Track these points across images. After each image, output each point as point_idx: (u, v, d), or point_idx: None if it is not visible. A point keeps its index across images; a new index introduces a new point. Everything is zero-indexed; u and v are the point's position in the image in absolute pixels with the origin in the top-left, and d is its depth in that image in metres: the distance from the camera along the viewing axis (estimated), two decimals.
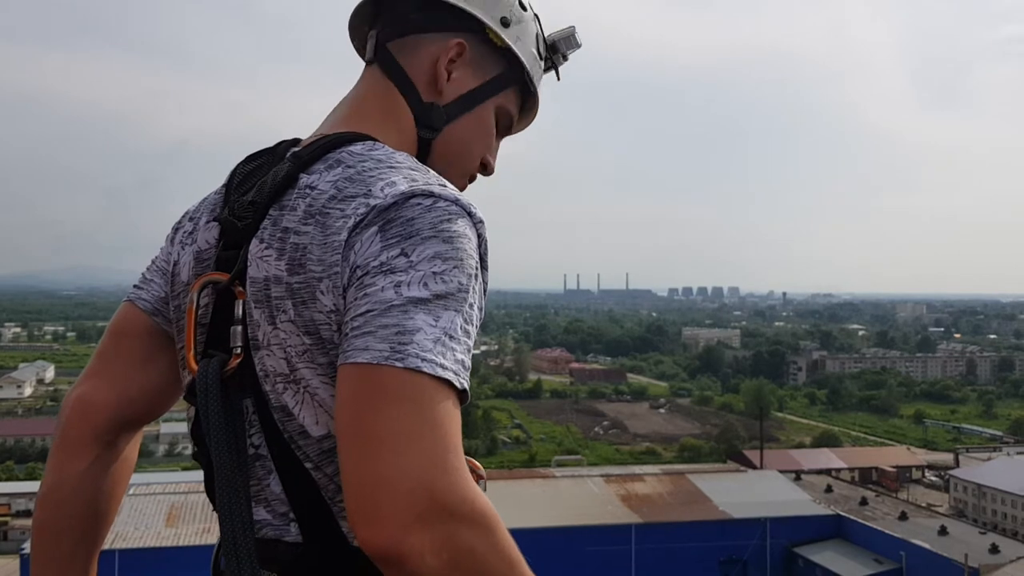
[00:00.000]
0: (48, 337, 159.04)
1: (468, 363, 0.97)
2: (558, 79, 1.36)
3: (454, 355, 0.95)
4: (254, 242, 1.08)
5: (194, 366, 1.08)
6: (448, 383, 0.93)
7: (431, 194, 1.02)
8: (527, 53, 1.28)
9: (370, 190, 1.03)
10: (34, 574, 1.22)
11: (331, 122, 1.24)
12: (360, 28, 1.32)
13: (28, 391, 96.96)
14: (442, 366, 0.93)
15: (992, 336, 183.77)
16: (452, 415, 0.93)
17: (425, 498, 0.87)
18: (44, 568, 1.21)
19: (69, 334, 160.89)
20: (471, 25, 1.23)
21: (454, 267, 0.98)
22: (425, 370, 0.92)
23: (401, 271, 0.97)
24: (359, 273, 0.99)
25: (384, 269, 0.97)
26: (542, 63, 1.32)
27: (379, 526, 0.87)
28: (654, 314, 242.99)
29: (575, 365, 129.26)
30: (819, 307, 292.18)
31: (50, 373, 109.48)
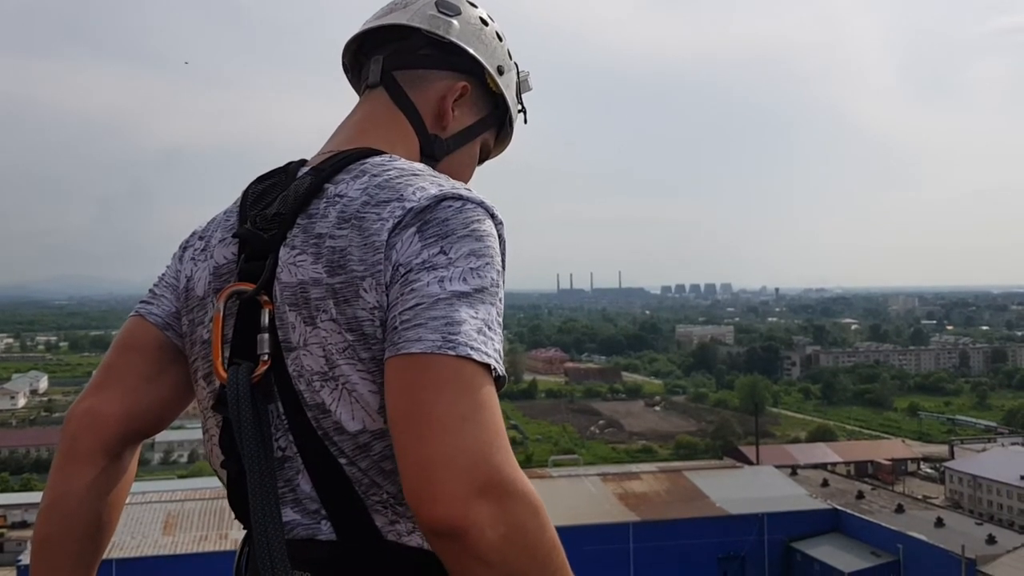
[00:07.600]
0: (41, 347, 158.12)
1: (502, 352, 1.04)
2: (525, 123, 1.52)
3: (493, 344, 1.02)
4: (284, 250, 1.13)
5: (223, 374, 1.10)
6: (490, 369, 1.00)
7: (460, 197, 1.10)
8: (511, 99, 1.44)
9: (402, 195, 1.09)
10: None
11: (337, 141, 1.30)
12: (352, 48, 1.41)
13: (21, 402, 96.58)
14: (487, 354, 0.99)
15: (984, 327, 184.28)
16: (496, 399, 0.99)
17: (483, 474, 0.91)
18: None
19: (62, 344, 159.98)
20: (473, 69, 1.36)
21: (486, 263, 1.06)
22: (474, 357, 0.98)
23: (442, 267, 1.03)
24: (402, 271, 1.04)
25: (427, 266, 1.04)
26: (519, 107, 1.49)
27: (441, 501, 0.90)
28: (647, 312, 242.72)
29: (570, 365, 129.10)
30: (811, 302, 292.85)
31: (43, 383, 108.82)
